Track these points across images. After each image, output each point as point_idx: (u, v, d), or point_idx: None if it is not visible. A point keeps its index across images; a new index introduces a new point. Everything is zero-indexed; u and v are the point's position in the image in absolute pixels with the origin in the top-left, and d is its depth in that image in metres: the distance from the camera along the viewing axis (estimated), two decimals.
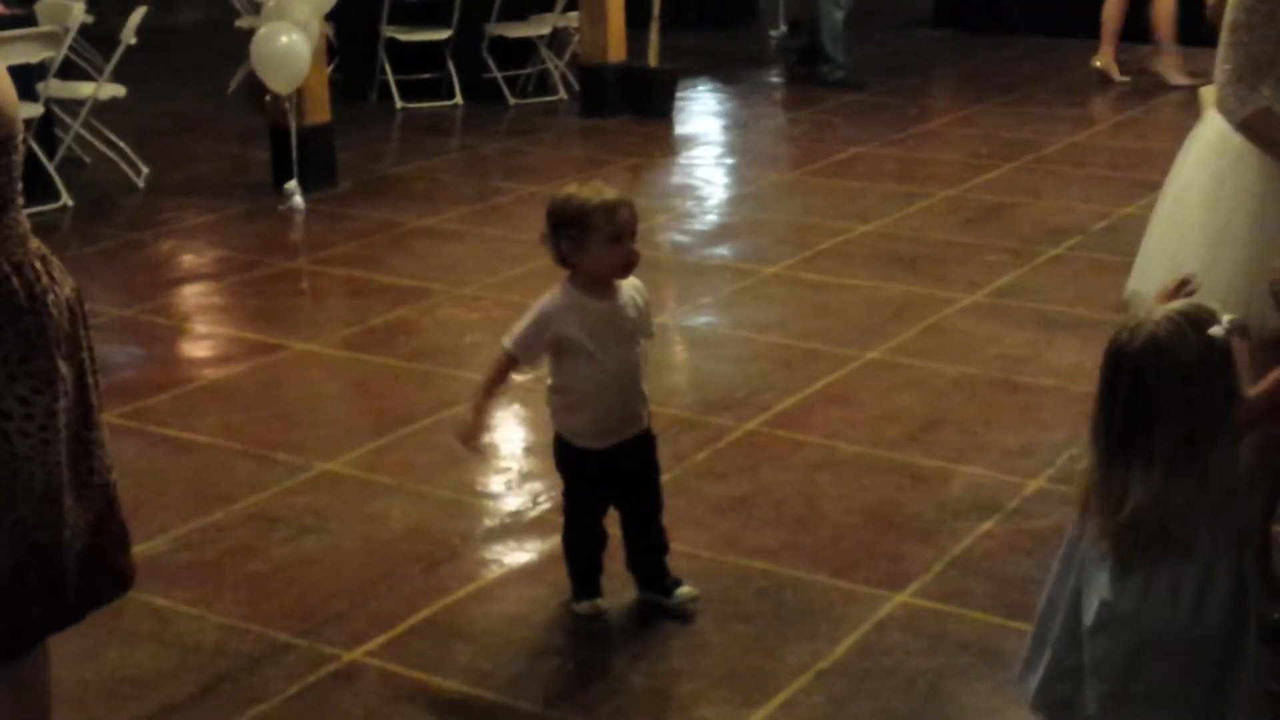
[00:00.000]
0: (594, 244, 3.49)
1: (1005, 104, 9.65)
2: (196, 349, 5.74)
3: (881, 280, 6.23)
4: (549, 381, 3.67)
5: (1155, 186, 8.33)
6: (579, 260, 3.53)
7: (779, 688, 3.42)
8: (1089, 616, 2.73)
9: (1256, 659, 2.80)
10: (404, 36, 9.53)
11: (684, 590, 3.70)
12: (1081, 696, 2.81)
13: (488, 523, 4.25)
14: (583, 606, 3.73)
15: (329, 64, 8.36)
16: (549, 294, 3.59)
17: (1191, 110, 9.32)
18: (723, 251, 6.66)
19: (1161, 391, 2.52)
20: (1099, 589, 2.71)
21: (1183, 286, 2.78)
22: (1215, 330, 2.55)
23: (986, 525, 4.16)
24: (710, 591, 3.65)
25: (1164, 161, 8.71)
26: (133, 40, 7.58)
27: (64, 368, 2.71)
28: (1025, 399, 5.03)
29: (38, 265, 2.70)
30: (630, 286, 3.62)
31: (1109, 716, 2.79)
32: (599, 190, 3.54)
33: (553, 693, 3.42)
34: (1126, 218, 7.04)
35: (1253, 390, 2.70)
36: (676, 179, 8.14)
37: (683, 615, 3.68)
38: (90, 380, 2.80)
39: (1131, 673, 2.71)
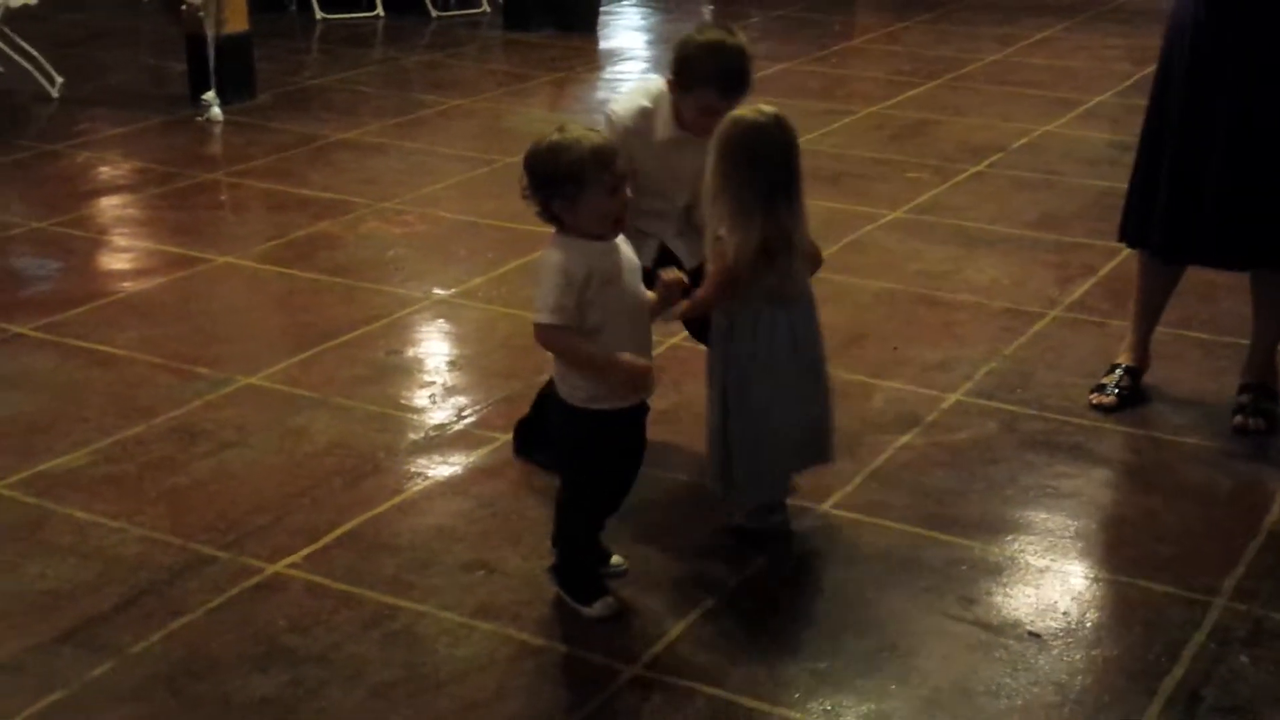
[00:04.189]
0: (591, 199, 3.17)
1: (928, 22, 9.67)
2: (114, 261, 5.67)
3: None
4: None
5: (1075, 104, 8.37)
6: (573, 219, 3.20)
7: (704, 597, 3.46)
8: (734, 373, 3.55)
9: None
10: None
11: (616, 559, 3.56)
12: (730, 465, 3.58)
13: (412, 436, 4.25)
14: (598, 608, 3.39)
15: None
16: (548, 253, 3.23)
17: (1113, 31, 9.30)
18: None
19: (792, 152, 3.47)
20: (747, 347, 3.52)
21: None
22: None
23: (905, 438, 4.22)
24: (635, 505, 3.67)
25: (1084, 79, 8.75)
26: None
27: None
28: (945, 314, 5.08)
29: None
30: None
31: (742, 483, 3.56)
32: (584, 135, 3.19)
33: (478, 602, 3.44)
34: (1047, 135, 7.10)
35: None
36: (601, 94, 8.09)
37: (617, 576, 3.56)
38: None
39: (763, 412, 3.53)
